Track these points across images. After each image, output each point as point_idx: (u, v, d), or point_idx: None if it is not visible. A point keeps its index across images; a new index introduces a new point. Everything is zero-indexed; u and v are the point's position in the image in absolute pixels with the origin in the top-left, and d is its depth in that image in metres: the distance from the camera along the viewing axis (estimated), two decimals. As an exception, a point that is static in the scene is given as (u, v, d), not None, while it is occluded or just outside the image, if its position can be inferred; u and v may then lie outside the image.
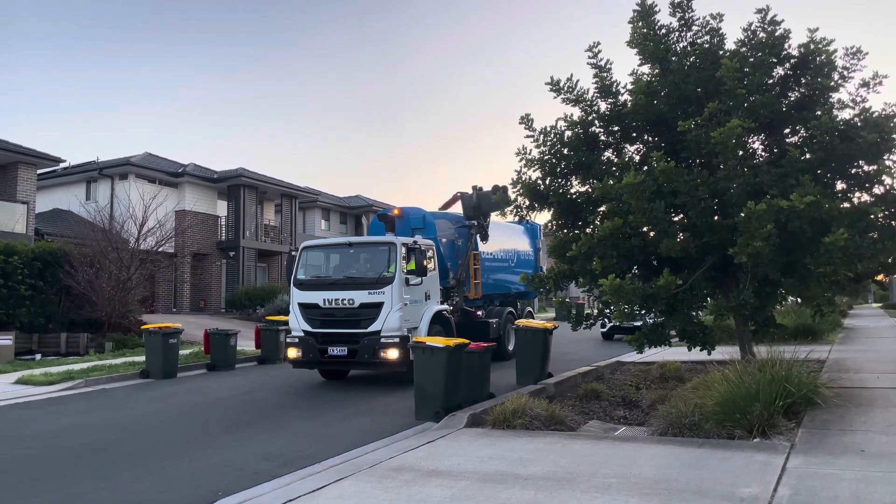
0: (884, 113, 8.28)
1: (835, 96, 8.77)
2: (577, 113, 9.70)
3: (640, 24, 9.40)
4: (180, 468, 6.66)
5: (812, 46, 8.64)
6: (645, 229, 8.81)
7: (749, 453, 5.92)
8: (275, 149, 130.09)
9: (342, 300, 11.93)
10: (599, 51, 9.50)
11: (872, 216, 8.11)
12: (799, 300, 10.82)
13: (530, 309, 18.66)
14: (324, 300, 12.08)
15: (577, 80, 9.57)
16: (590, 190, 9.49)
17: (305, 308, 12.27)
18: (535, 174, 9.80)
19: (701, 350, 9.42)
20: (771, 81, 8.84)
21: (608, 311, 9.93)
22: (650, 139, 9.76)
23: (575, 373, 11.59)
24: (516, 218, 10.31)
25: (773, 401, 6.82)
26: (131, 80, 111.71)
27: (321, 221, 39.06)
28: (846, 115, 8.62)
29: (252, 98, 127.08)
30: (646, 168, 9.05)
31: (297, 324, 12.30)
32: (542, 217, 15.14)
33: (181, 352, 15.26)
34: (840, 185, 8.95)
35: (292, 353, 12.30)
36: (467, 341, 9.38)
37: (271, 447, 7.45)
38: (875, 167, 8.35)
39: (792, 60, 8.95)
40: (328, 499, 5.15)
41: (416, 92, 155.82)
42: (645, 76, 9.46)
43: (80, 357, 17.46)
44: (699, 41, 9.36)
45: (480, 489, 5.18)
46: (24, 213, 22.29)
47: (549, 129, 9.60)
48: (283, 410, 9.91)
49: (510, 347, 15.15)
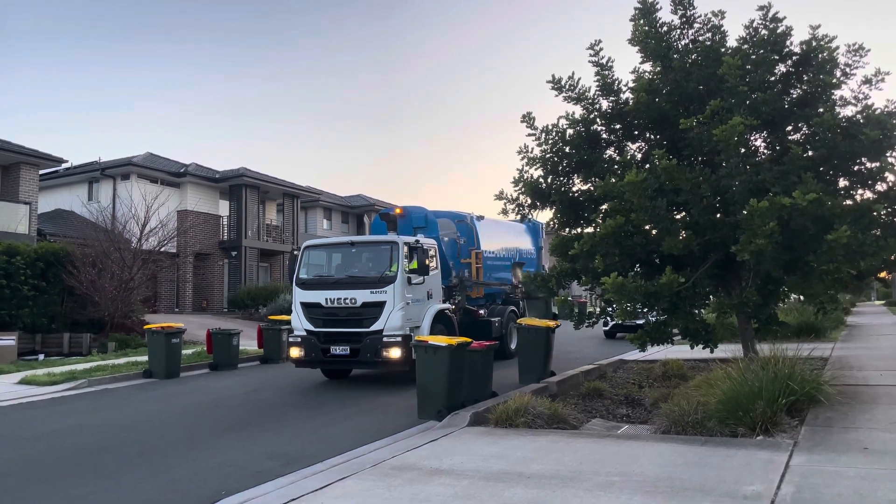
0: (886, 110, 8.25)
1: (837, 93, 8.74)
2: (578, 111, 9.68)
3: (642, 21, 9.38)
4: (183, 468, 6.67)
5: (814, 43, 8.62)
6: (647, 227, 8.79)
7: (752, 451, 5.92)
8: (277, 148, 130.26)
9: (344, 299, 11.93)
10: (601, 48, 9.48)
11: (875, 213, 8.08)
12: (802, 298, 10.82)
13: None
14: (326, 299, 12.08)
15: (579, 79, 9.55)
16: (592, 188, 9.48)
17: (308, 307, 12.28)
18: (536, 172, 9.79)
19: (703, 348, 9.40)
20: (773, 79, 8.82)
21: (610, 309, 9.90)
22: (652, 137, 9.74)
23: (577, 371, 11.59)
24: (518, 216, 10.29)
25: (776, 398, 6.81)
26: (133, 80, 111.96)
27: (323, 221, 39.08)
28: (848, 112, 8.59)
29: (254, 98, 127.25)
30: (648, 166, 9.03)
31: (300, 323, 12.30)
32: (544, 215, 15.08)
33: (184, 351, 15.30)
34: (843, 183, 8.93)
35: (295, 352, 12.31)
36: (470, 340, 9.39)
37: (274, 446, 7.46)
38: (878, 164, 8.33)
39: (794, 58, 8.94)
40: (331, 498, 5.15)
41: (418, 91, 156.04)
42: (647, 74, 9.44)
43: (83, 357, 17.50)
44: (701, 38, 9.34)
45: (483, 488, 5.18)
46: (27, 214, 22.32)
47: (550, 127, 9.58)
48: (285, 410, 9.92)
49: (512, 346, 15.15)
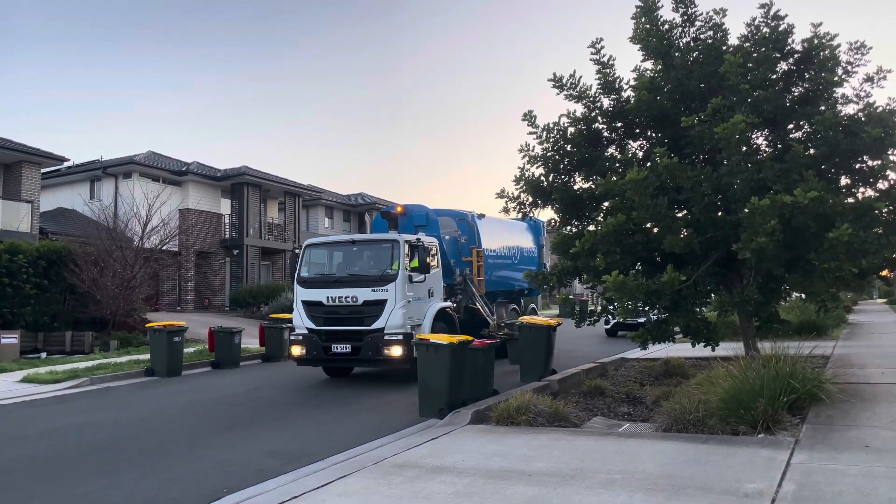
0: (888, 108, 8.24)
1: (838, 91, 8.74)
2: (579, 109, 9.69)
3: (643, 19, 9.38)
4: (185, 466, 6.68)
5: (815, 41, 8.61)
6: (648, 225, 8.80)
7: (753, 449, 5.92)
8: (278, 147, 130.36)
9: (345, 297, 11.93)
10: (602, 47, 9.48)
11: (877, 211, 8.09)
12: (803, 296, 10.80)
13: (534, 306, 18.65)
14: (327, 298, 12.08)
15: (580, 77, 9.55)
16: (593, 186, 9.48)
17: (309, 306, 12.29)
18: (538, 171, 9.79)
19: (705, 346, 9.41)
20: (774, 77, 8.81)
21: (612, 307, 9.92)
22: (653, 135, 9.74)
23: (579, 369, 11.58)
24: (519, 215, 10.29)
25: (777, 397, 6.81)
26: (135, 79, 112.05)
27: (324, 219, 39.09)
28: (850, 110, 8.59)
29: (255, 97, 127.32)
30: (649, 164, 9.03)
31: (301, 321, 12.31)
32: (546, 214, 15.08)
33: (186, 350, 15.32)
34: (844, 181, 8.93)
35: (296, 350, 12.32)
36: (471, 338, 9.40)
37: (276, 444, 7.48)
38: (879, 162, 8.32)
39: (795, 55, 8.93)
40: (333, 495, 5.16)
41: (419, 90, 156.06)
42: (648, 72, 9.44)
43: (85, 355, 17.54)
44: (702, 37, 9.33)
45: (485, 485, 5.19)
46: (29, 212, 22.33)
47: (552, 125, 9.58)
48: (287, 408, 9.93)
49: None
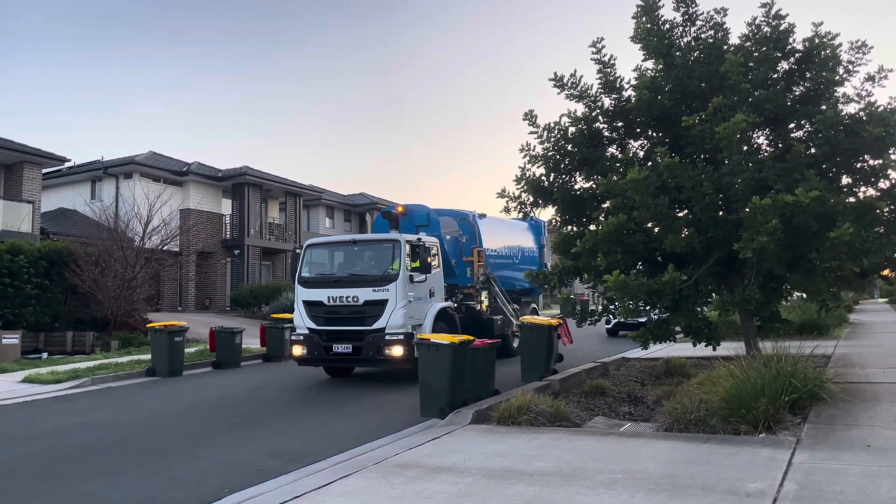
0: (889, 107, 8.23)
1: (840, 90, 8.74)
2: (580, 109, 9.70)
3: (644, 19, 9.38)
4: (186, 466, 6.68)
5: (817, 41, 8.61)
6: (649, 225, 8.80)
7: (755, 448, 5.92)
8: (279, 147, 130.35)
9: (346, 297, 11.93)
10: (603, 46, 9.49)
11: (878, 211, 8.08)
12: (804, 295, 10.80)
13: (535, 305, 18.64)
14: (328, 298, 12.08)
15: (581, 76, 9.57)
16: (594, 186, 9.47)
17: (310, 306, 12.28)
18: (538, 170, 9.79)
19: (706, 346, 9.40)
20: (775, 76, 8.81)
21: (613, 307, 9.91)
22: (654, 134, 9.74)
23: (580, 369, 11.57)
24: (520, 214, 10.29)
25: (778, 396, 6.81)
26: (136, 79, 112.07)
27: (325, 219, 39.10)
28: (851, 109, 8.60)
29: (256, 97, 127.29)
30: (650, 164, 9.03)
31: (302, 321, 12.31)
32: (546, 213, 15.06)
33: (187, 350, 15.32)
34: (845, 180, 8.93)
35: (297, 350, 12.32)
36: (472, 338, 9.39)
37: (277, 444, 7.48)
38: (881, 161, 8.32)
39: (796, 55, 8.93)
40: (334, 495, 5.16)
41: (420, 90, 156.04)
42: (649, 71, 9.43)
43: (86, 355, 17.54)
44: (703, 36, 9.33)
45: (486, 485, 5.19)
46: (30, 213, 22.34)
47: (552, 125, 9.58)
48: (288, 408, 9.93)
49: (515, 344, 15.15)
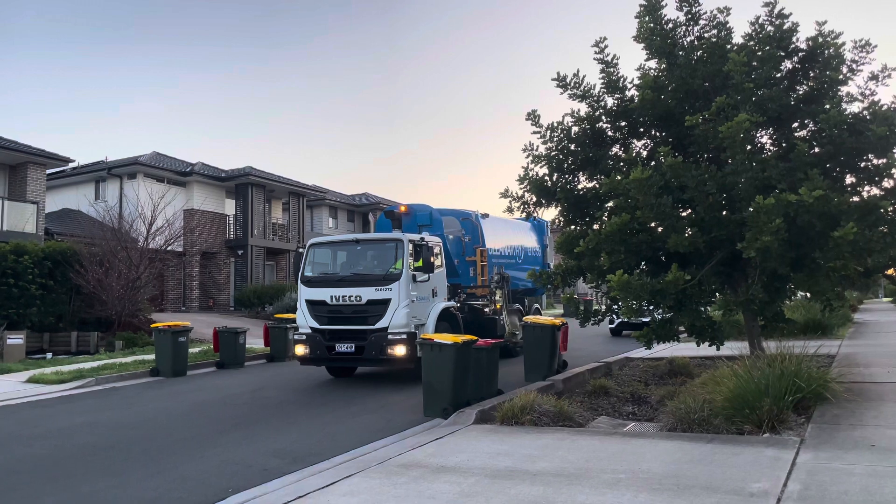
0: (893, 106, 8.22)
1: (843, 90, 8.72)
2: (583, 108, 9.69)
3: (647, 18, 9.36)
4: (190, 466, 6.69)
5: (820, 40, 8.59)
6: (653, 225, 8.79)
7: (759, 448, 5.91)
8: (282, 147, 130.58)
9: (349, 297, 11.94)
10: (606, 46, 9.48)
11: (882, 210, 8.07)
12: (808, 295, 10.79)
13: (538, 305, 18.64)
14: (331, 297, 12.09)
15: (584, 76, 9.55)
16: (597, 185, 9.47)
17: (313, 305, 12.30)
18: (541, 170, 9.79)
19: (710, 345, 9.39)
20: (779, 75, 8.80)
21: (616, 307, 9.91)
22: (657, 134, 9.72)
23: (583, 369, 11.57)
24: (523, 214, 10.29)
25: (782, 396, 6.80)
26: (139, 80, 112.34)
27: (329, 219, 39.13)
28: (855, 108, 8.58)
29: (260, 97, 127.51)
30: (653, 163, 9.02)
31: (305, 321, 12.32)
32: (550, 213, 15.05)
33: (191, 350, 15.36)
34: (849, 179, 8.91)
35: (300, 349, 12.34)
36: (475, 338, 9.39)
37: (280, 444, 7.49)
38: (884, 160, 8.30)
39: (800, 54, 8.91)
40: (337, 495, 5.17)
41: (423, 90, 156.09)
42: (652, 71, 9.43)
43: (91, 355, 17.57)
44: (706, 35, 9.31)
45: (489, 485, 5.19)
46: (34, 213, 22.43)
47: (555, 124, 9.57)
48: (291, 408, 9.95)
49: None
